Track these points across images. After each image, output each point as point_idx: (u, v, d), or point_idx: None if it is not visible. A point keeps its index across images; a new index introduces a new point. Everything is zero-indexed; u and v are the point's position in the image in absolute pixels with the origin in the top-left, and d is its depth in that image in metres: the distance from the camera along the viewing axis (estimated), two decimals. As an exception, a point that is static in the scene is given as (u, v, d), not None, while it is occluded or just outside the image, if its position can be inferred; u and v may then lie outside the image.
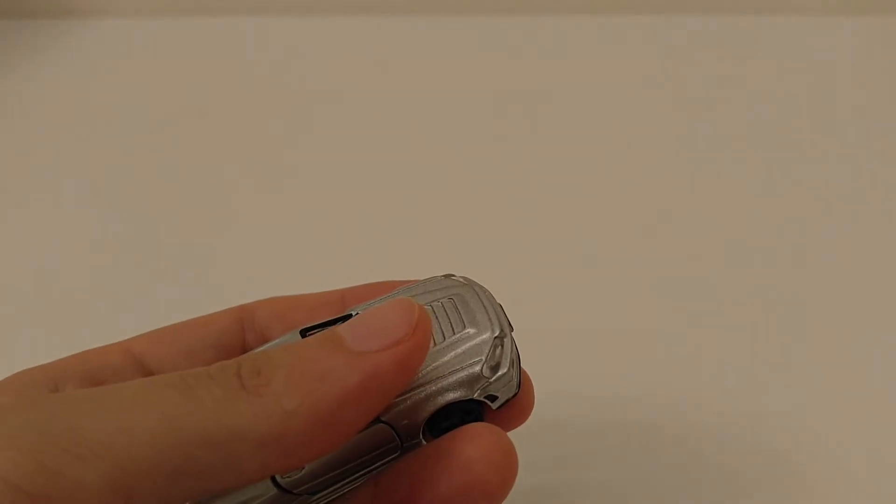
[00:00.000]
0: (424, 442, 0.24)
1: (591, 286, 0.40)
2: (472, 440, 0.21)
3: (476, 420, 0.24)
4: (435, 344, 0.24)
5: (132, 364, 0.25)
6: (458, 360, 0.24)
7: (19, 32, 0.60)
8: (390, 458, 0.24)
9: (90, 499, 0.16)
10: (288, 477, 0.23)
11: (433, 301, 0.26)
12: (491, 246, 0.43)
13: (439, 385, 0.24)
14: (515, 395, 0.25)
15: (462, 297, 0.26)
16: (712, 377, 0.36)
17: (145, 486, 0.17)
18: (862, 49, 0.57)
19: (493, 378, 0.24)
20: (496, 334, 0.24)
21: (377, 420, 0.23)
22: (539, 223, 0.44)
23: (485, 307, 0.25)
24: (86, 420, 0.16)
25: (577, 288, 0.40)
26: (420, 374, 0.24)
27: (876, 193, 0.45)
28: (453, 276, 0.27)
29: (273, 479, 0.23)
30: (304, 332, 0.25)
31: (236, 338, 0.26)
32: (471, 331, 0.24)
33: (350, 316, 0.25)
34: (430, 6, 0.60)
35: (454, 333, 0.24)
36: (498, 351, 0.24)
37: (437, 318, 0.25)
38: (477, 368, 0.24)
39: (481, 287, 0.26)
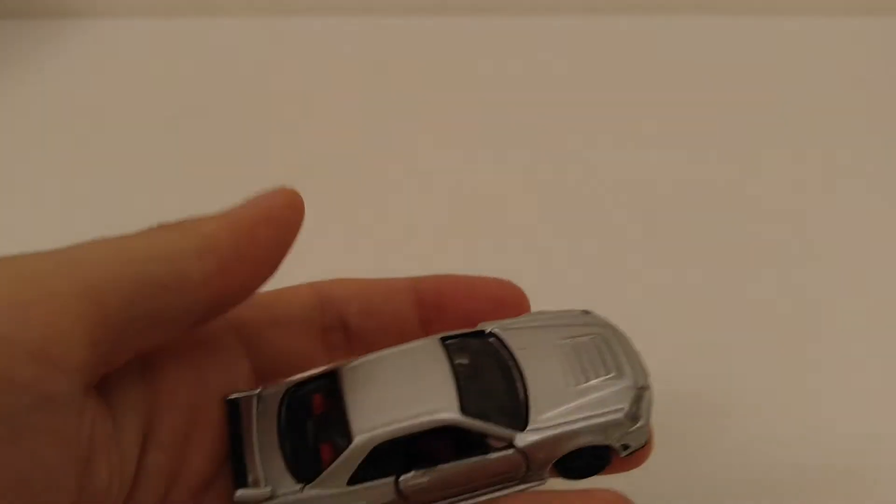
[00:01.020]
0: (546, 477, 0.24)
1: (597, 287, 0.40)
2: None
3: (603, 464, 0.25)
4: (577, 383, 0.25)
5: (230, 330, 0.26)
6: (600, 404, 0.24)
7: (18, 33, 0.60)
8: (511, 485, 0.24)
9: (65, 305, 0.19)
10: (408, 483, 0.23)
11: (576, 336, 0.26)
12: (490, 246, 0.43)
13: (579, 426, 0.24)
14: (644, 445, 0.25)
15: (605, 339, 0.26)
16: (716, 376, 0.36)
17: (114, 296, 0.20)
18: (862, 49, 0.57)
19: (632, 429, 0.24)
20: (640, 385, 0.25)
21: (511, 446, 0.24)
22: (539, 223, 0.44)
23: (626, 354, 0.25)
24: (48, 259, 0.20)
25: (579, 287, 0.40)
26: (561, 412, 0.24)
27: (876, 193, 0.45)
28: (591, 313, 0.27)
29: (395, 485, 0.23)
30: (444, 340, 0.25)
31: (317, 314, 0.27)
32: (614, 376, 0.25)
33: (482, 332, 0.26)
34: (429, 7, 0.60)
35: (597, 377, 0.25)
36: (640, 402, 0.24)
37: (580, 356, 0.25)
38: (618, 416, 0.24)
39: (622, 332, 0.26)
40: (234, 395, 0.25)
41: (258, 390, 0.25)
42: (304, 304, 0.27)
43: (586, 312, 0.27)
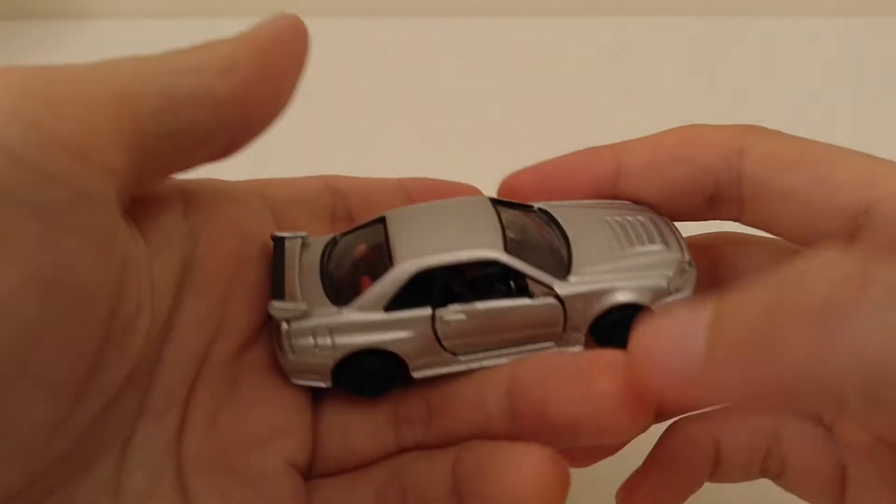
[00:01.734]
0: (581, 342, 0.24)
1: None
2: (610, 369, 0.21)
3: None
4: (622, 248, 0.24)
5: (257, 196, 0.26)
6: (645, 267, 0.24)
7: (18, 34, 0.60)
8: (546, 344, 0.24)
9: (98, 111, 0.19)
10: (444, 318, 0.23)
11: (626, 215, 0.25)
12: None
13: (621, 284, 0.23)
14: None
15: (654, 220, 0.25)
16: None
17: (145, 105, 0.20)
18: (862, 49, 0.57)
19: (673, 298, 0.24)
20: (686, 259, 0.24)
21: (551, 293, 0.23)
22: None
23: (675, 236, 0.25)
24: (78, 68, 0.20)
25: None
26: (605, 269, 0.24)
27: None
28: (642, 204, 0.26)
29: (432, 319, 0.23)
30: (493, 200, 0.25)
31: (329, 202, 0.27)
32: (660, 248, 0.24)
33: (530, 206, 0.26)
34: (429, 7, 0.60)
35: (645, 244, 0.24)
36: (684, 274, 0.24)
37: (627, 229, 0.25)
38: (662, 281, 0.24)
39: (671, 222, 0.26)
40: (280, 234, 0.25)
41: (304, 234, 0.25)
42: (318, 192, 0.27)
43: (637, 203, 0.26)
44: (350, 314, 0.23)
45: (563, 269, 0.24)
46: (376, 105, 0.54)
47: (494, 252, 0.23)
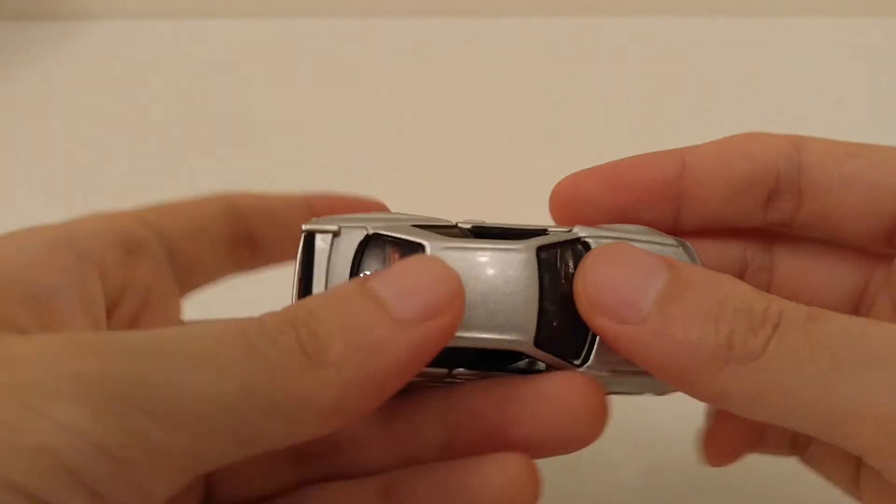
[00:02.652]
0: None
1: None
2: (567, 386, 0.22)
3: None
4: None
5: (153, 236, 0.25)
6: None
7: (18, 35, 0.60)
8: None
9: (171, 465, 0.17)
10: (455, 376, 0.22)
11: (649, 244, 0.24)
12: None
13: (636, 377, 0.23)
14: None
15: (683, 255, 0.24)
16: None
17: (217, 452, 0.17)
18: (862, 49, 0.57)
19: None
20: None
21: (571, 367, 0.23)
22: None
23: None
24: (161, 379, 0.16)
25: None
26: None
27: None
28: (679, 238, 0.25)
29: (446, 375, 0.23)
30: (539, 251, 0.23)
31: (227, 225, 0.26)
32: None
33: (576, 240, 0.24)
34: (430, 8, 0.60)
35: None
36: None
37: None
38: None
39: (695, 250, 0.25)
40: (310, 227, 0.24)
41: (336, 228, 0.24)
42: (218, 216, 0.27)
43: (656, 231, 0.25)
44: None
45: (585, 347, 0.23)
46: (376, 105, 0.54)
47: (523, 341, 0.22)
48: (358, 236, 0.24)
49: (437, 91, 0.54)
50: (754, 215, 0.25)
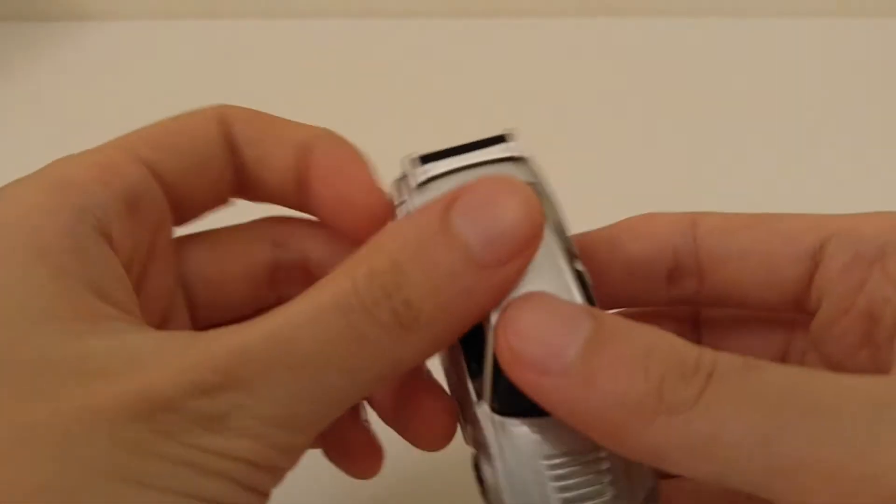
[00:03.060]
0: None
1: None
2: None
3: None
4: None
5: (154, 182, 0.24)
6: None
7: (18, 35, 0.60)
8: None
9: (294, 459, 0.19)
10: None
11: None
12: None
13: None
14: None
15: None
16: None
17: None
18: (862, 49, 0.57)
19: None
20: None
21: None
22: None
23: None
24: (269, 395, 0.18)
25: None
26: None
27: (877, 193, 0.45)
28: None
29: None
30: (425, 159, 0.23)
31: (223, 148, 0.26)
32: None
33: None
34: (430, 8, 0.60)
35: None
36: None
37: None
38: None
39: None
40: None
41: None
42: (214, 147, 0.26)
43: None
44: None
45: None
46: (376, 104, 0.54)
47: None
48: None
49: (437, 91, 0.54)
50: (657, 294, 0.25)
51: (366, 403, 0.27)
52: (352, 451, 0.27)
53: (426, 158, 0.24)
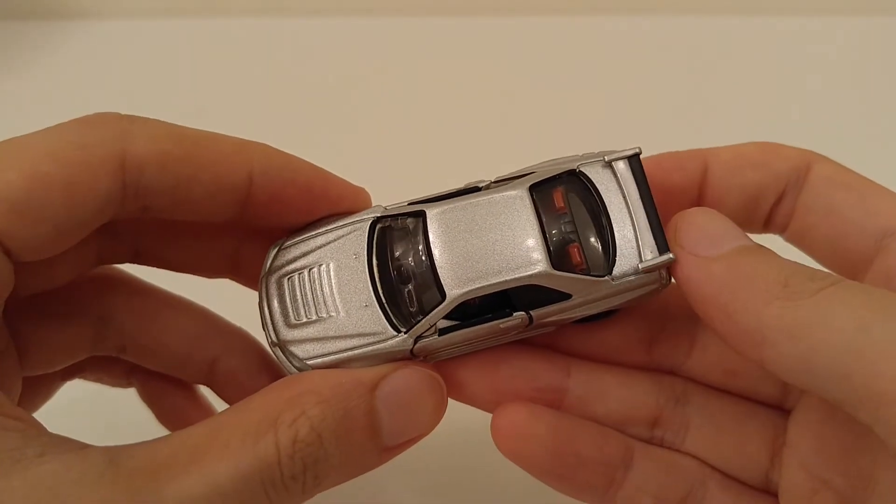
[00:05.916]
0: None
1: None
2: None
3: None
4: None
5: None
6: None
7: (18, 34, 0.60)
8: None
9: None
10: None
11: None
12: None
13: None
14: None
15: None
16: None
17: None
18: (862, 49, 0.57)
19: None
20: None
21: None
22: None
23: None
24: None
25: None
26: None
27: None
28: None
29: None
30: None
31: (118, 199, 0.24)
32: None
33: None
34: (430, 8, 0.60)
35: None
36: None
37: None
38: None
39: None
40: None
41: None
42: (104, 198, 0.25)
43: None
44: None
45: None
46: (376, 105, 0.54)
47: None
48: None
49: (437, 91, 0.54)
50: (758, 218, 0.27)
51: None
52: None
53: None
